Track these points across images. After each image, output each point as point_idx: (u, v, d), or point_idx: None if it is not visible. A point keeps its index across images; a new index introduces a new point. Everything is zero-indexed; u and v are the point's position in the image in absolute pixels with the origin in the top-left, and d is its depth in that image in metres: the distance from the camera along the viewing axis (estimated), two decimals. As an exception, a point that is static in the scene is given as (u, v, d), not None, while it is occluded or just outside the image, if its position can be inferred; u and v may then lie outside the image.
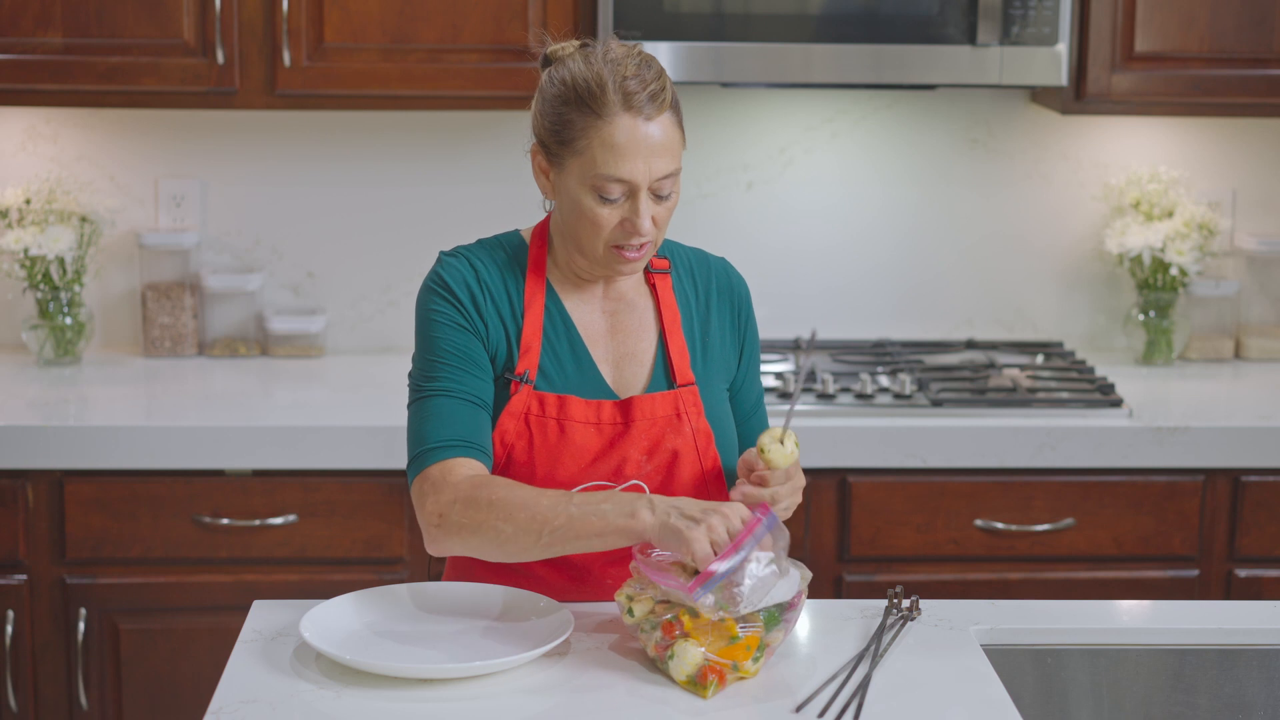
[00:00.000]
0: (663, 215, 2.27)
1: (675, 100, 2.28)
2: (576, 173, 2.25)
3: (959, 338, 3.95)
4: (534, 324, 2.33)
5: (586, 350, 2.35)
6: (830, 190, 3.90)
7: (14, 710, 3.34)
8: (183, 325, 3.78)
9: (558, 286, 2.37)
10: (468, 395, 2.28)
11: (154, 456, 3.29)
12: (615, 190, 2.23)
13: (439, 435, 2.25)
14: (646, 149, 2.22)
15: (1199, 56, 3.56)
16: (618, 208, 2.25)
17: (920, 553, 3.39)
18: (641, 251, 2.29)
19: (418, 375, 2.32)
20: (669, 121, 2.25)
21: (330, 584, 3.27)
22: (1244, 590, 3.43)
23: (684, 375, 2.37)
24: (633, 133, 2.21)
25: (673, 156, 2.25)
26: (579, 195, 2.25)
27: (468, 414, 2.27)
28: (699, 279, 2.44)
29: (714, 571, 2.08)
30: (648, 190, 2.24)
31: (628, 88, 2.22)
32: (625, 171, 2.22)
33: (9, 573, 3.33)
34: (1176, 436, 3.37)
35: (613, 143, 2.21)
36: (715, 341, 2.42)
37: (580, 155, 2.24)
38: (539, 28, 3.48)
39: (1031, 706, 2.33)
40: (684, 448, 2.34)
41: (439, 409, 2.27)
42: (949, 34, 3.45)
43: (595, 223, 2.25)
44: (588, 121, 2.22)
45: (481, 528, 2.18)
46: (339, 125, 3.83)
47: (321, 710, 2.06)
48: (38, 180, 3.74)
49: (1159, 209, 3.78)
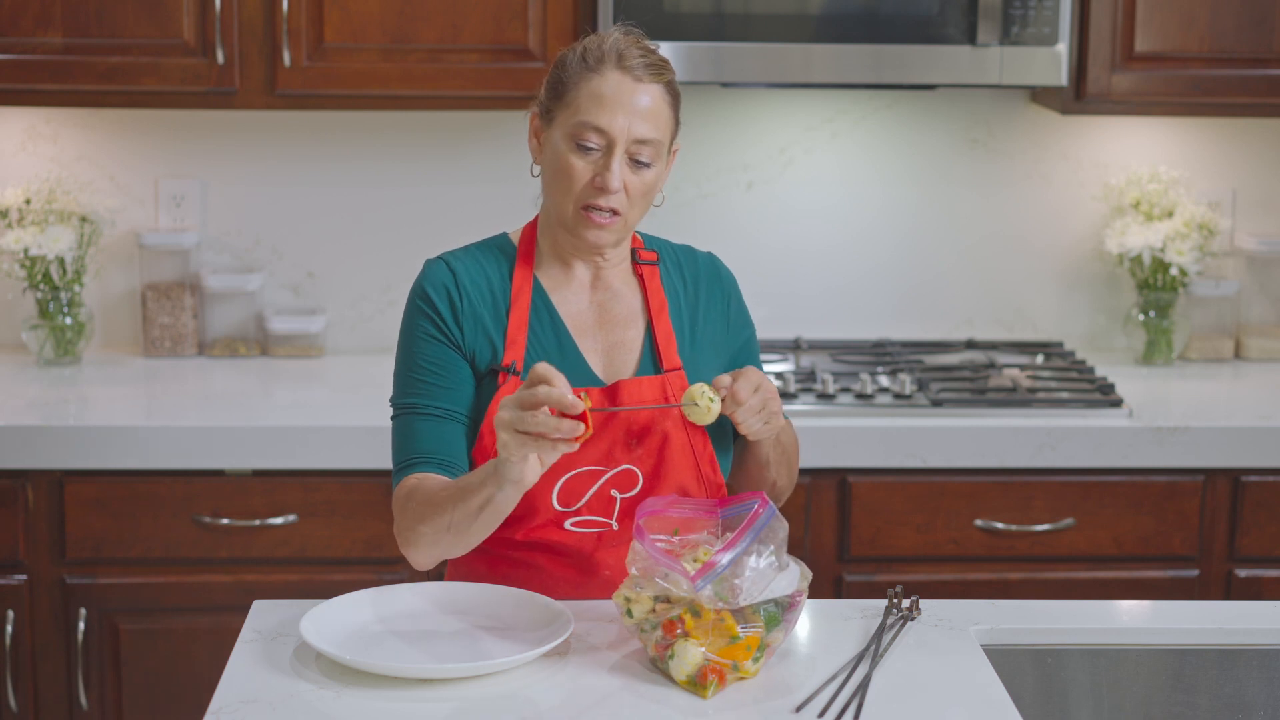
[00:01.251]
0: (637, 187, 2.31)
1: (674, 86, 2.35)
2: (562, 124, 2.31)
3: (959, 338, 3.95)
4: (520, 317, 2.36)
5: (572, 340, 2.37)
6: (830, 190, 3.90)
7: (14, 710, 3.34)
8: (183, 325, 3.78)
9: (545, 280, 2.40)
10: (437, 410, 2.34)
11: (154, 456, 3.29)
12: (593, 139, 2.29)
13: (405, 453, 2.34)
14: (630, 106, 2.28)
15: (1199, 56, 3.56)
16: (592, 162, 2.30)
17: (920, 553, 3.39)
18: (611, 220, 2.32)
19: (395, 392, 2.39)
20: (659, 94, 2.31)
21: (330, 584, 3.27)
22: (1244, 590, 3.43)
23: (670, 360, 2.39)
24: (619, 87, 2.29)
25: (656, 126, 2.30)
26: (560, 147, 2.31)
27: (433, 429, 2.33)
28: (687, 271, 2.47)
29: (716, 563, 2.08)
30: (625, 152, 2.29)
31: (626, 52, 2.31)
32: (604, 121, 2.28)
33: (9, 573, 3.33)
34: (1176, 436, 3.37)
35: (599, 92, 2.29)
36: (705, 329, 2.44)
37: (568, 107, 2.31)
38: (539, 28, 3.48)
39: (1031, 706, 2.33)
40: (673, 431, 2.35)
41: (407, 427, 2.35)
42: (949, 34, 3.45)
43: (569, 174, 2.30)
44: (581, 75, 2.31)
45: (417, 533, 2.26)
46: (339, 125, 3.83)
47: (321, 710, 2.06)
48: (38, 180, 3.74)
49: (1159, 209, 3.78)
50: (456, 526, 2.22)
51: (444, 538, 2.24)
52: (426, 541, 2.26)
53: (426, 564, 2.31)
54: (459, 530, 2.22)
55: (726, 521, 2.22)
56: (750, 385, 2.28)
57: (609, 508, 2.34)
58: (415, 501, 2.27)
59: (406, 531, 2.28)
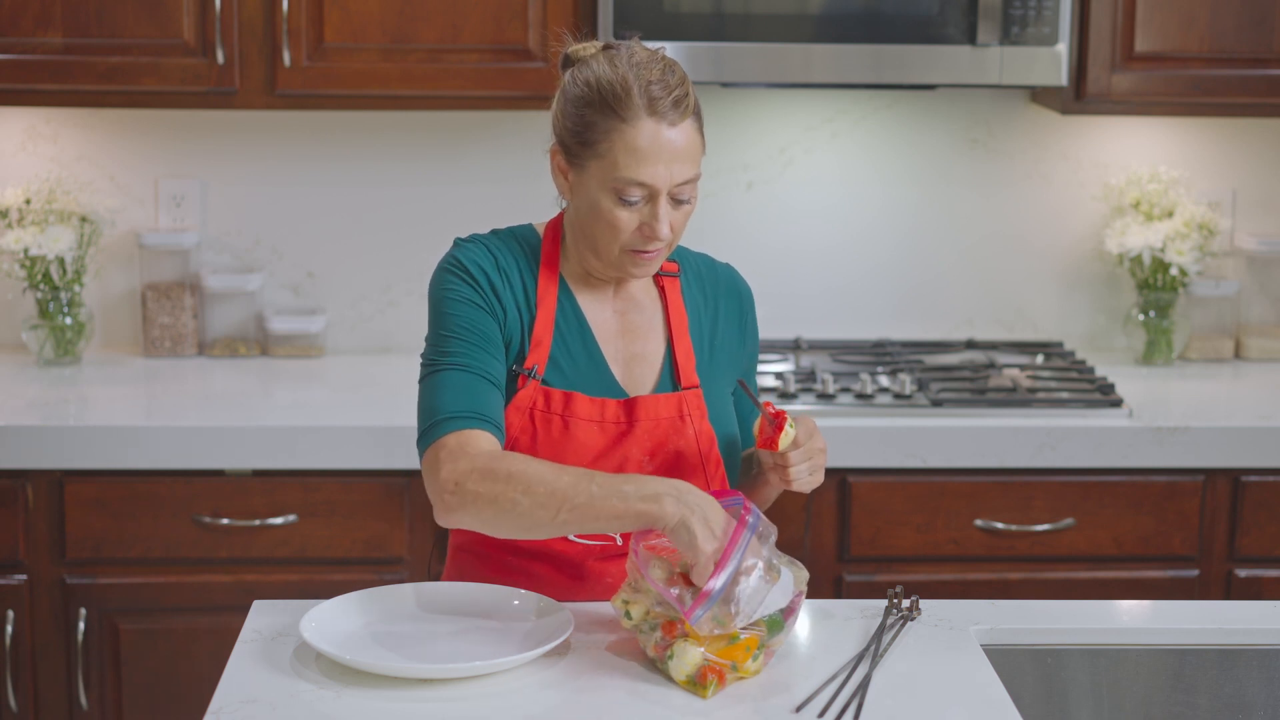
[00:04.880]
0: (679, 220, 2.28)
1: (697, 106, 2.29)
2: (597, 175, 2.25)
3: (959, 338, 3.95)
4: (546, 317, 2.33)
5: (598, 347, 2.36)
6: (830, 190, 3.90)
7: (14, 710, 3.34)
8: (183, 325, 3.78)
9: (570, 282, 2.37)
10: (482, 371, 2.26)
11: (154, 456, 3.29)
12: (636, 194, 2.24)
13: (454, 406, 2.23)
14: (669, 154, 2.23)
15: (1199, 56, 3.56)
16: (636, 211, 2.25)
17: (920, 553, 3.39)
18: (657, 254, 2.29)
19: (430, 351, 2.30)
20: (690, 127, 2.26)
21: (330, 584, 3.27)
22: (1244, 590, 3.43)
23: (689, 378, 2.37)
24: (656, 138, 2.22)
25: (693, 162, 2.26)
26: (598, 198, 2.26)
27: (482, 389, 2.25)
28: (707, 284, 2.45)
29: (710, 591, 2.07)
30: (667, 195, 2.25)
31: (652, 92, 2.22)
32: (647, 176, 2.23)
33: (9, 573, 3.33)
34: (1176, 436, 3.37)
35: (635, 146, 2.22)
36: (722, 346, 2.43)
37: (602, 158, 2.24)
38: (539, 28, 3.48)
39: (1031, 706, 2.33)
40: (687, 450, 2.34)
41: (453, 381, 2.25)
42: (949, 34, 3.45)
43: (614, 225, 2.26)
44: (611, 124, 2.23)
45: (498, 499, 2.15)
46: (339, 125, 3.83)
47: (321, 710, 2.06)
48: (38, 180, 3.74)
49: (1159, 209, 3.78)
50: (567, 517, 2.13)
51: (539, 515, 2.13)
52: (509, 509, 2.13)
53: (468, 525, 2.19)
54: (565, 521, 2.13)
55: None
56: (807, 432, 2.27)
57: None
58: (517, 469, 2.14)
59: (481, 489, 2.15)
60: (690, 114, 2.26)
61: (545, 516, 2.14)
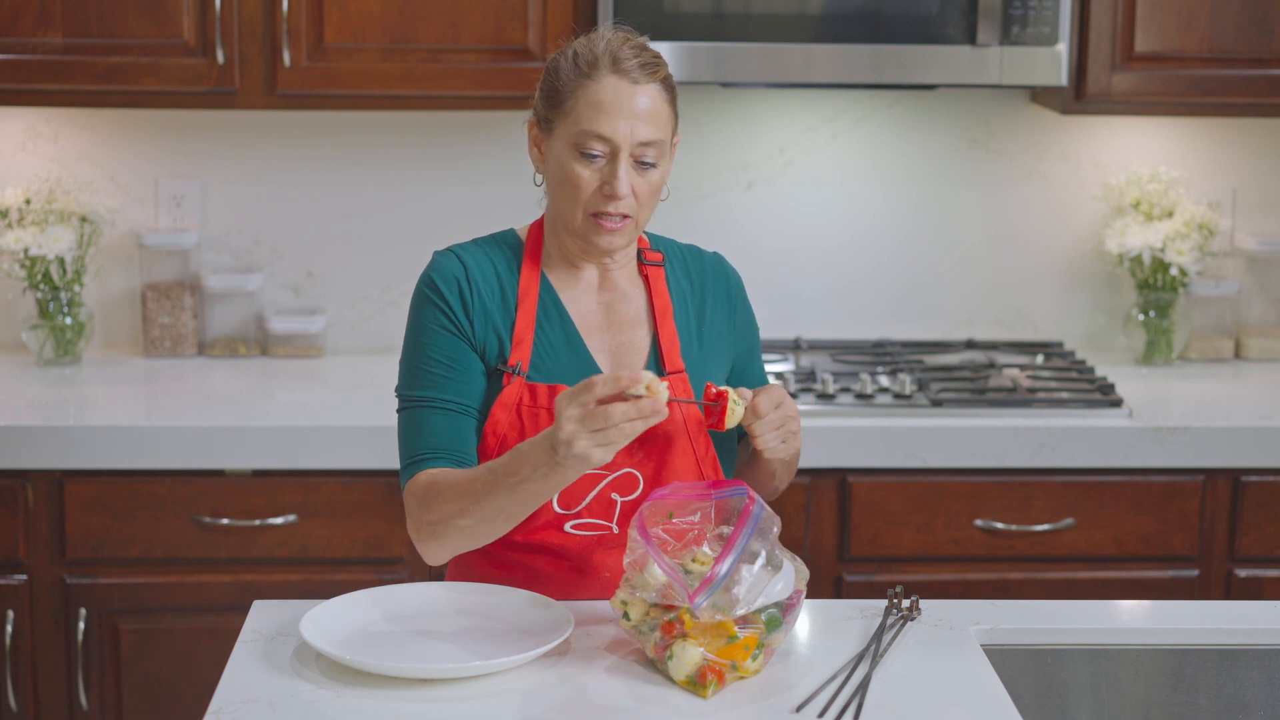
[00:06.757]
0: (644, 189, 2.30)
1: (670, 81, 2.33)
2: (563, 135, 2.30)
3: (959, 338, 3.95)
4: (527, 315, 2.36)
5: (581, 340, 2.37)
6: (830, 190, 3.90)
7: (14, 710, 3.34)
8: (183, 325, 3.78)
9: (553, 278, 2.40)
10: (448, 403, 2.33)
11: (154, 456, 3.29)
12: (597, 147, 2.28)
13: (417, 448, 2.32)
14: (630, 110, 2.27)
15: (1199, 56, 3.56)
16: (598, 170, 2.29)
17: (920, 553, 3.39)
18: (622, 224, 2.31)
19: (403, 384, 2.38)
20: (657, 93, 2.30)
21: (330, 584, 3.27)
22: (1244, 590, 3.43)
23: (674, 363, 2.39)
24: (618, 92, 2.27)
25: (658, 126, 2.29)
26: (563, 157, 2.30)
27: (446, 423, 2.32)
28: (693, 271, 2.47)
29: (714, 576, 2.08)
30: (629, 156, 2.28)
31: (620, 54, 2.29)
32: (607, 128, 2.27)
33: (9, 573, 3.33)
34: (1176, 436, 3.37)
35: (598, 100, 2.27)
36: (711, 331, 2.44)
37: (567, 116, 2.29)
38: (539, 28, 3.48)
39: (1031, 706, 2.33)
40: (676, 434, 2.35)
41: (419, 420, 2.34)
42: (949, 34, 3.45)
43: (575, 184, 2.29)
44: (577, 82, 2.29)
45: (444, 523, 2.25)
46: (339, 125, 3.83)
47: (321, 710, 2.06)
48: (38, 180, 3.74)
49: (1159, 209, 3.78)
50: (491, 501, 2.20)
51: (475, 516, 2.22)
52: (457, 526, 2.24)
53: (445, 558, 2.30)
54: (495, 508, 2.20)
55: (720, 504, 2.20)
56: (772, 401, 2.27)
57: (609, 511, 2.34)
58: (444, 495, 2.25)
59: (437, 525, 2.25)
60: (657, 80, 2.30)
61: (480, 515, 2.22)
